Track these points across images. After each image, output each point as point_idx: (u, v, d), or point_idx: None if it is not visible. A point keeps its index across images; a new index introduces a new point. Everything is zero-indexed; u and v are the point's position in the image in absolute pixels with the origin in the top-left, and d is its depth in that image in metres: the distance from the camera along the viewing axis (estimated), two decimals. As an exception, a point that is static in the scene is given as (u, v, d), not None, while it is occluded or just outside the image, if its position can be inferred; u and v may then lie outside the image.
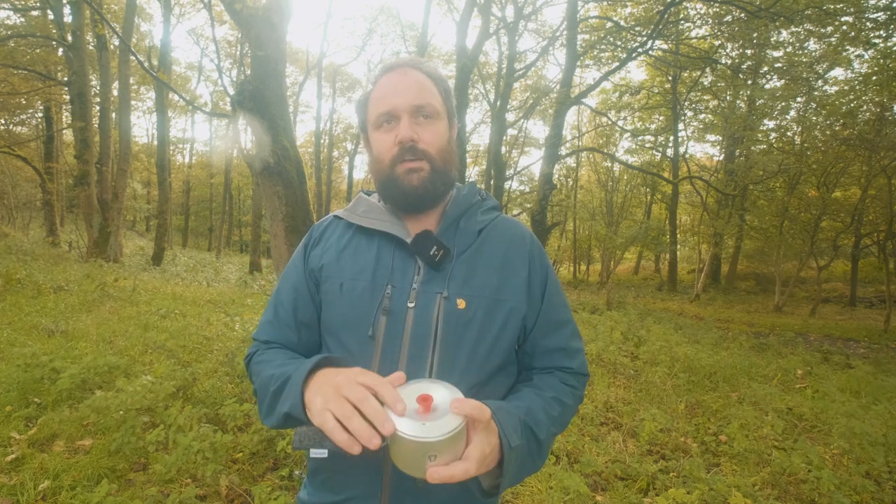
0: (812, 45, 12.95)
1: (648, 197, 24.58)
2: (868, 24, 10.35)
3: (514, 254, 0.86)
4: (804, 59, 12.81)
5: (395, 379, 0.64)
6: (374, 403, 0.60)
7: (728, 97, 16.36)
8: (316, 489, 0.84)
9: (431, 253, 0.79)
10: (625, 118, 20.77)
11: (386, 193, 0.85)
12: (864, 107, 12.00)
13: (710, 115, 18.01)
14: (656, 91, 18.79)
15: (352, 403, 0.60)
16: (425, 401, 0.59)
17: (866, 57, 11.73)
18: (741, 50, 15.86)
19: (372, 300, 0.79)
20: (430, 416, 0.58)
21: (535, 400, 0.77)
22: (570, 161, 25.18)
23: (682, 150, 19.46)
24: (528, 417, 0.73)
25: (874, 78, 11.13)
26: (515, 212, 21.37)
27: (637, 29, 12.25)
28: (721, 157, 19.25)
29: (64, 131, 18.37)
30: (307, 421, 0.66)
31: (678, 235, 21.19)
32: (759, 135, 14.25)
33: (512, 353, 0.84)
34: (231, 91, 4.72)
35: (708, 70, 15.34)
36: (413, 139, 0.79)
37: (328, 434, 0.60)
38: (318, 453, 0.61)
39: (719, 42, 14.43)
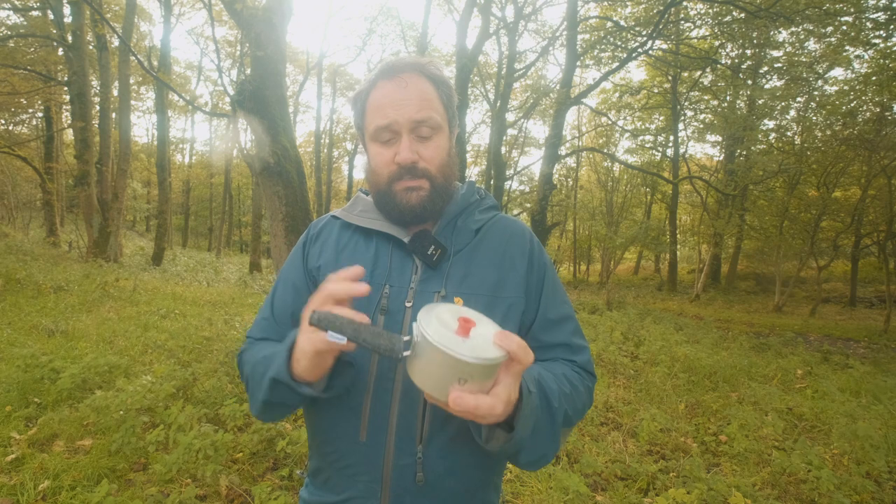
0: (812, 45, 12.97)
1: (648, 197, 24.57)
2: (868, 24, 10.34)
3: (512, 250, 0.85)
4: (804, 59, 12.81)
5: (353, 273, 0.64)
6: (342, 285, 0.62)
7: (728, 97, 16.35)
8: (317, 488, 0.84)
9: (429, 252, 0.79)
10: (625, 118, 20.77)
11: (382, 207, 0.83)
12: (864, 107, 12.00)
13: (710, 115, 18.00)
14: (656, 91, 18.78)
15: (328, 297, 0.62)
16: (466, 322, 0.56)
17: (866, 57, 11.74)
18: (741, 50, 15.87)
19: (370, 300, 0.78)
20: (468, 339, 0.54)
21: (544, 372, 0.75)
22: (570, 161, 25.19)
23: (682, 150, 19.47)
24: (541, 379, 0.72)
25: (874, 78, 11.12)
26: (515, 212, 21.37)
27: (637, 29, 12.23)
28: (721, 157, 19.25)
29: (64, 131, 18.36)
30: (292, 384, 0.66)
31: (678, 235, 21.19)
32: (759, 135, 14.22)
33: None
34: (231, 91, 4.72)
35: (708, 70, 15.33)
36: (414, 161, 0.77)
37: (321, 344, 0.60)
38: (337, 338, 0.57)
39: (719, 42, 14.43)
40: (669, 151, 19.36)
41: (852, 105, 11.88)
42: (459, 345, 0.52)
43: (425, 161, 0.79)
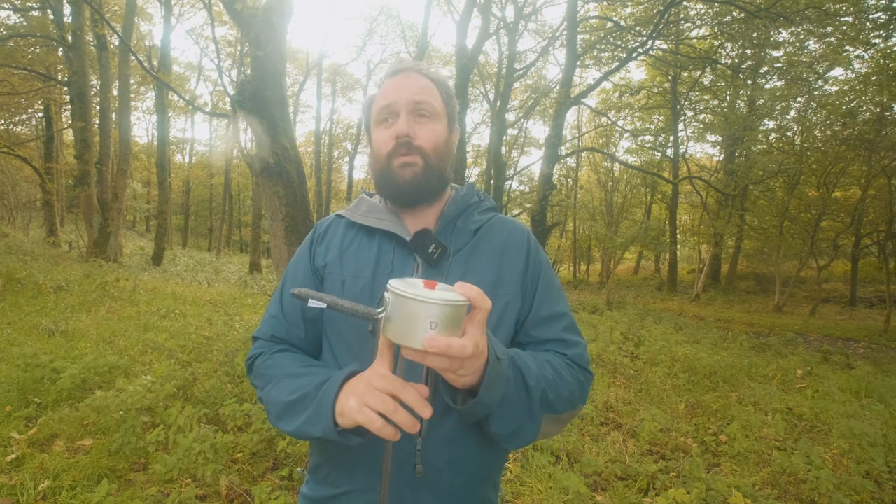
0: (812, 45, 12.95)
1: (648, 197, 24.56)
2: (868, 24, 10.34)
3: (510, 249, 0.88)
4: (804, 59, 12.80)
5: (422, 390, 0.65)
6: (412, 392, 0.63)
7: (728, 97, 16.35)
8: (318, 484, 0.85)
9: (430, 251, 0.82)
10: (625, 118, 20.75)
11: (382, 187, 0.87)
12: (864, 107, 11.99)
13: (710, 115, 17.99)
14: (656, 91, 18.77)
15: (390, 395, 0.63)
16: (430, 282, 0.61)
17: (866, 57, 11.72)
18: (741, 50, 15.85)
19: (372, 297, 0.81)
20: (434, 291, 0.59)
21: (523, 353, 0.77)
22: (570, 161, 25.18)
23: (682, 150, 19.45)
24: (517, 357, 0.73)
25: (874, 78, 11.11)
26: (515, 212, 21.36)
27: (637, 29, 12.23)
28: (721, 157, 19.23)
29: (64, 131, 18.36)
30: (342, 440, 0.69)
31: (678, 235, 21.18)
32: (759, 135, 14.22)
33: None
34: (231, 91, 4.72)
35: (708, 70, 15.33)
36: (409, 134, 0.82)
37: (376, 431, 0.62)
38: (317, 304, 0.62)
39: (719, 42, 14.42)
40: (669, 151, 19.36)
41: (852, 105, 11.86)
42: (426, 292, 0.57)
43: (420, 139, 0.83)
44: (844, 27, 10.70)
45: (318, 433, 0.70)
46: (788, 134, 15.03)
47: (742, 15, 10.73)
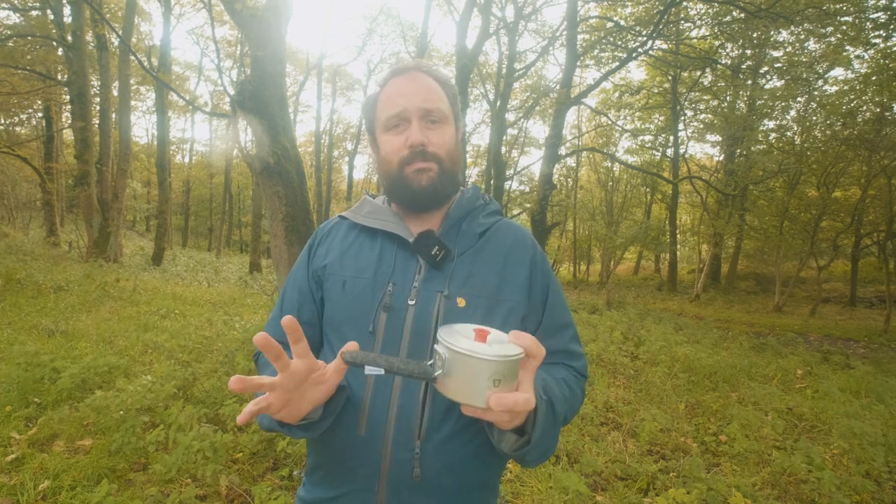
0: (812, 45, 12.95)
1: (648, 197, 24.53)
2: (868, 24, 10.34)
3: (515, 255, 0.87)
4: (804, 59, 12.80)
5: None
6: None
7: (728, 97, 16.34)
8: (314, 485, 0.85)
9: (433, 252, 0.81)
10: (625, 118, 20.74)
11: (394, 193, 0.86)
12: (864, 107, 11.98)
13: (710, 115, 17.98)
14: (656, 91, 18.75)
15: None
16: (481, 331, 0.60)
17: (866, 57, 11.72)
18: (741, 50, 15.85)
19: (373, 297, 0.81)
20: (488, 344, 0.57)
21: (547, 378, 0.77)
22: (570, 161, 25.15)
23: (682, 150, 19.43)
24: (546, 385, 0.74)
25: (874, 78, 11.10)
26: (515, 212, 21.35)
27: (637, 29, 12.22)
28: (721, 157, 19.22)
29: (64, 131, 18.35)
30: (285, 431, 0.70)
31: (678, 235, 21.17)
32: (759, 135, 14.21)
33: None
34: (231, 91, 4.72)
35: (708, 70, 15.32)
36: (423, 143, 0.81)
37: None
38: (374, 371, 0.59)
39: (719, 42, 14.41)
40: (669, 151, 19.33)
41: (852, 105, 11.85)
42: (485, 349, 0.55)
43: (434, 146, 0.83)
44: (844, 27, 10.69)
45: (282, 430, 0.72)
46: (788, 134, 15.01)
47: (742, 15, 10.72)
